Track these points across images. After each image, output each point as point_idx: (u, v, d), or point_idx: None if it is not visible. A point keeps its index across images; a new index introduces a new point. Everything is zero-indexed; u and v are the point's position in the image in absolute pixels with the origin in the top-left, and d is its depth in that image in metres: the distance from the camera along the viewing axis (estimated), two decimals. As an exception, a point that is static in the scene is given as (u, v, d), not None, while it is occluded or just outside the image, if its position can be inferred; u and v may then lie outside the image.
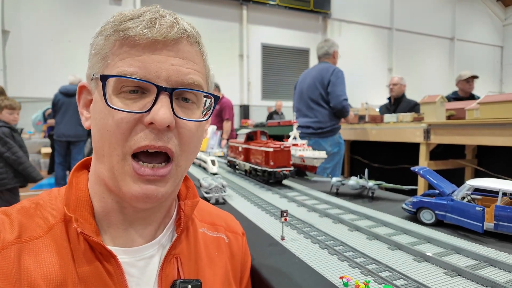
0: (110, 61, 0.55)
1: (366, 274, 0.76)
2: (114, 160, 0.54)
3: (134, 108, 0.53)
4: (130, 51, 0.53)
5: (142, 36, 0.52)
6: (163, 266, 0.61)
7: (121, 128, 0.53)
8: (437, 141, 3.01)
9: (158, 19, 0.54)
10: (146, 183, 0.54)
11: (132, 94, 0.54)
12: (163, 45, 0.54)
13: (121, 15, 0.55)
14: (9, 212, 0.57)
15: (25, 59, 8.17)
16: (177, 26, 0.55)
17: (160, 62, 0.53)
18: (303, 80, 3.49)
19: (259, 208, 1.39)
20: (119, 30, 0.53)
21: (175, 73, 0.54)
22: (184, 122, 0.56)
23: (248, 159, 2.04)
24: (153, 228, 0.64)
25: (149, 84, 0.53)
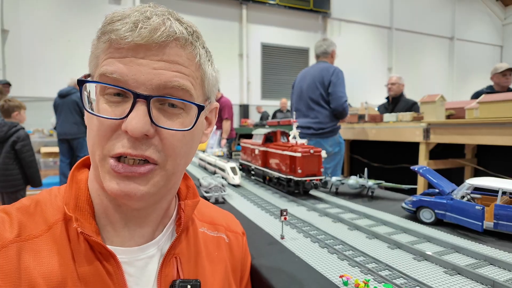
0: (99, 60, 0.55)
1: (366, 273, 0.76)
2: (96, 159, 0.55)
3: (116, 111, 0.52)
4: (114, 53, 0.52)
5: (124, 39, 0.50)
6: (162, 266, 0.61)
7: (101, 131, 0.53)
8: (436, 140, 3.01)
9: (142, 21, 0.51)
10: (124, 180, 0.53)
11: (116, 96, 0.53)
12: (146, 49, 0.51)
13: (112, 15, 0.54)
14: (9, 211, 0.57)
15: (24, 59, 8.16)
16: (163, 28, 0.51)
17: (141, 66, 0.51)
18: (302, 80, 3.47)
19: (258, 207, 1.39)
20: (105, 32, 0.52)
21: (156, 76, 0.52)
22: (167, 131, 0.54)
23: (267, 164, 1.79)
24: (152, 228, 0.64)
25: (125, 90, 0.52)
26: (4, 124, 3.35)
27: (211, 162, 2.25)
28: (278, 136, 1.84)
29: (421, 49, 13.76)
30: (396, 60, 13.10)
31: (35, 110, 7.25)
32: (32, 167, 3.46)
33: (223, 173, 1.91)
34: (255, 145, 1.90)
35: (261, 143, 1.82)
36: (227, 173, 1.84)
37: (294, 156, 1.47)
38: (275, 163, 1.67)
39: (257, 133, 1.94)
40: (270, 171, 1.69)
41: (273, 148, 1.69)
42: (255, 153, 1.89)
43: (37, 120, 7.52)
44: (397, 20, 13.03)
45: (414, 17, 13.45)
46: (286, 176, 1.53)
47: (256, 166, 1.88)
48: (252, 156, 1.95)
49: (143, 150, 0.52)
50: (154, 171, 0.54)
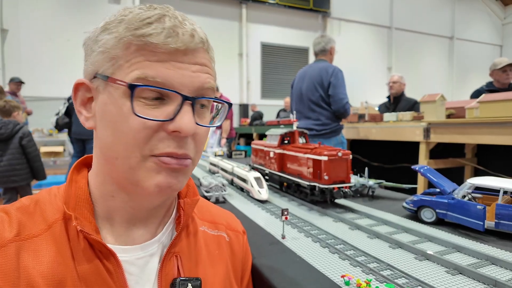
0: (122, 62, 0.53)
1: (368, 272, 0.76)
2: (132, 161, 0.54)
3: (155, 114, 0.53)
4: (149, 56, 0.52)
5: (165, 45, 0.52)
6: (163, 264, 0.61)
7: (143, 133, 0.53)
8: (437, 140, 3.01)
9: (179, 27, 0.53)
10: (171, 172, 0.55)
11: (152, 100, 0.53)
12: (183, 54, 0.54)
13: (134, 15, 0.53)
14: (8, 210, 0.56)
15: (23, 58, 8.14)
16: (197, 35, 0.55)
17: (182, 69, 0.54)
18: (300, 80, 3.44)
19: (259, 207, 1.39)
20: (139, 36, 0.52)
21: (196, 79, 0.55)
22: (200, 128, 0.58)
23: (283, 168, 1.59)
24: (154, 226, 0.64)
25: (172, 92, 0.53)
26: (8, 122, 3.57)
27: (227, 169, 1.91)
28: (295, 137, 1.63)
29: (421, 49, 13.77)
30: (396, 59, 13.10)
31: (35, 109, 7.23)
32: (37, 161, 3.74)
33: (244, 185, 1.59)
34: (269, 147, 1.70)
35: (276, 145, 1.62)
36: (250, 185, 1.51)
37: (319, 160, 1.27)
38: (294, 167, 1.48)
39: (271, 133, 1.74)
40: (289, 177, 1.49)
41: (291, 150, 1.50)
42: (270, 156, 1.69)
43: (37, 120, 7.50)
44: (397, 19, 13.03)
45: (414, 17, 13.45)
46: (310, 183, 1.32)
47: (271, 170, 1.68)
48: (266, 160, 1.75)
49: (186, 149, 0.56)
50: (190, 165, 0.59)
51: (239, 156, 3.45)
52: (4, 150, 3.53)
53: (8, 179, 3.54)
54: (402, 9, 13.10)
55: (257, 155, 1.91)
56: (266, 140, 1.78)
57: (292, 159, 1.49)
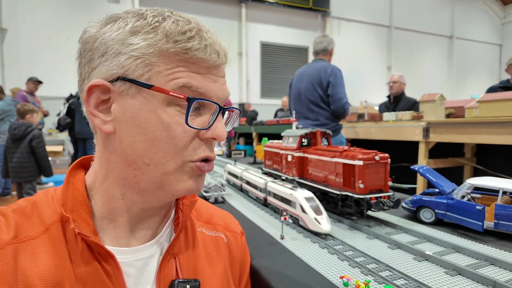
0: (160, 69, 0.53)
1: (366, 273, 0.76)
2: (168, 167, 0.56)
3: (196, 122, 0.58)
4: (190, 67, 0.56)
5: (209, 61, 0.56)
6: (161, 266, 0.61)
7: (183, 141, 0.56)
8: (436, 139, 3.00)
9: (218, 44, 0.59)
10: (200, 176, 0.61)
11: (194, 110, 0.58)
12: (216, 68, 0.59)
13: (173, 27, 0.54)
14: (5, 212, 0.56)
15: (22, 57, 8.13)
16: (226, 53, 0.61)
17: (216, 83, 0.59)
18: (299, 80, 3.43)
19: (258, 207, 1.39)
20: (184, 49, 0.54)
21: (225, 92, 0.62)
22: None
23: (304, 174, 1.41)
24: (154, 227, 0.65)
25: (210, 103, 0.58)
26: (22, 124, 4.01)
27: (257, 184, 1.46)
28: (318, 138, 1.43)
29: (420, 48, 13.76)
30: (396, 58, 13.10)
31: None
32: (45, 160, 4.13)
33: (290, 209, 1.14)
34: (286, 149, 1.50)
35: (295, 147, 1.43)
36: (301, 209, 1.07)
37: (352, 164, 1.08)
38: (318, 173, 1.30)
39: (288, 134, 1.52)
40: (311, 184, 1.29)
41: (314, 153, 1.32)
42: (287, 160, 1.48)
43: (36, 119, 7.49)
44: (397, 18, 13.03)
45: (414, 16, 13.44)
46: (340, 192, 1.13)
47: (288, 176, 1.48)
48: (283, 164, 1.54)
49: (213, 153, 0.62)
50: None
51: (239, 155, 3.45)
52: (16, 148, 3.99)
53: (16, 175, 4.01)
54: (401, 9, 13.09)
55: (271, 158, 1.71)
56: (282, 142, 1.59)
57: (316, 164, 1.31)
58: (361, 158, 1.06)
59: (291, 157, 1.46)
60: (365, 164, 1.06)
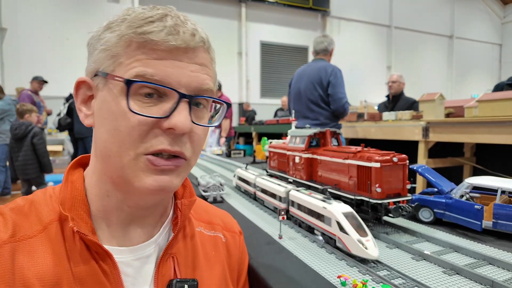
0: (123, 60, 0.53)
1: (364, 273, 0.76)
2: (125, 159, 0.54)
3: (151, 112, 0.53)
4: (149, 53, 0.53)
5: (166, 42, 0.52)
6: (159, 266, 0.61)
7: (138, 130, 0.53)
8: (435, 139, 3.01)
9: (181, 26, 0.54)
10: (160, 174, 0.55)
11: (148, 97, 0.54)
12: (183, 52, 0.54)
13: (137, 15, 0.54)
14: (3, 211, 0.56)
15: (22, 57, 8.12)
16: (198, 35, 0.56)
17: (181, 68, 0.54)
18: (299, 79, 3.43)
19: (257, 206, 1.39)
20: (140, 33, 0.52)
21: (194, 79, 0.55)
22: (196, 127, 0.57)
23: (313, 177, 1.30)
24: (151, 227, 0.64)
25: (170, 90, 0.53)
26: (22, 123, 4.25)
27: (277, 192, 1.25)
28: (327, 138, 1.34)
29: (420, 48, 13.76)
30: (395, 58, 13.09)
31: (34, 108, 7.23)
32: (45, 156, 4.34)
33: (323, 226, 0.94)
34: (293, 150, 1.40)
35: (304, 148, 1.33)
36: (339, 228, 0.87)
37: (368, 167, 0.98)
38: (329, 176, 1.20)
39: (295, 134, 1.42)
40: (322, 187, 1.17)
41: (324, 154, 1.22)
42: (295, 162, 1.38)
43: (35, 119, 7.49)
44: (397, 18, 13.02)
45: (414, 16, 13.43)
46: (355, 196, 1.02)
47: (296, 179, 1.38)
48: (290, 166, 1.44)
49: (179, 147, 0.55)
50: (183, 165, 0.58)
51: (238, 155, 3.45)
52: (19, 147, 4.24)
53: (22, 172, 4.27)
54: (401, 8, 13.08)
55: (276, 160, 1.60)
56: (288, 142, 1.48)
57: (326, 166, 1.21)
58: (378, 160, 0.96)
59: (299, 159, 1.34)
60: (382, 166, 0.96)
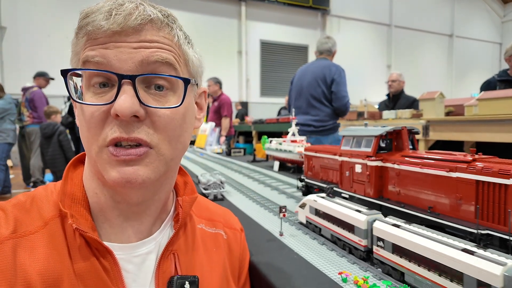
0: (80, 55, 0.55)
1: (365, 269, 0.76)
2: (93, 153, 0.54)
3: (101, 100, 0.52)
4: (93, 43, 0.53)
5: (100, 29, 0.51)
6: (160, 262, 0.61)
7: (92, 122, 0.52)
8: (435, 137, 3.01)
9: (116, 9, 0.51)
10: (123, 165, 0.52)
11: (102, 88, 0.53)
12: (124, 35, 0.52)
13: (86, 10, 0.54)
14: (4, 207, 0.56)
15: (22, 55, 8.13)
16: (136, 13, 0.52)
17: (121, 47, 0.52)
18: (301, 77, 3.46)
19: (257, 204, 1.39)
20: (81, 27, 0.53)
21: (138, 54, 0.52)
22: (157, 110, 0.54)
23: (385, 193, 0.97)
24: (150, 224, 0.64)
25: (110, 74, 0.52)
26: (49, 124, 5.16)
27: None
28: (403, 140, 0.98)
29: (420, 46, 13.76)
30: (395, 57, 13.10)
31: (33, 107, 7.21)
32: (70, 151, 5.21)
33: None
34: (351, 155, 1.05)
35: (371, 153, 0.97)
36: None
37: (503, 184, 0.66)
38: (417, 194, 0.86)
39: (354, 133, 1.06)
40: (403, 209, 0.87)
41: (407, 163, 0.89)
42: (354, 171, 1.03)
43: (35, 118, 7.48)
44: (397, 17, 13.02)
45: (414, 14, 13.44)
46: (478, 229, 0.68)
47: (357, 195, 1.03)
48: (344, 176, 1.08)
49: (135, 133, 0.52)
50: (150, 155, 0.54)
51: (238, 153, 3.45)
52: (48, 144, 5.11)
53: (51, 165, 5.15)
54: (401, 7, 13.09)
55: (318, 166, 1.27)
56: (341, 144, 1.11)
57: (411, 180, 0.87)
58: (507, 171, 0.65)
59: (363, 167, 0.99)
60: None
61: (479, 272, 0.52)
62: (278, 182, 1.81)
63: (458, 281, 0.56)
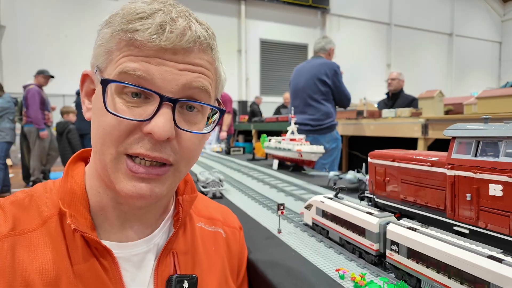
0: (114, 57, 0.52)
1: (362, 266, 0.76)
2: (107, 158, 0.53)
3: (135, 113, 0.51)
4: (135, 51, 0.50)
5: (150, 42, 0.49)
6: (159, 262, 0.61)
7: (118, 130, 0.51)
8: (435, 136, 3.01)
9: (169, 23, 0.50)
10: (140, 182, 0.52)
11: (135, 97, 0.52)
12: (172, 53, 0.51)
13: (130, 10, 0.51)
14: (3, 204, 0.56)
15: (21, 55, 8.11)
16: (189, 33, 0.51)
17: (167, 66, 0.51)
18: (297, 76, 3.46)
19: (256, 202, 1.39)
20: (126, 31, 0.50)
21: (182, 76, 0.52)
22: (185, 133, 0.54)
23: None
24: (149, 224, 0.64)
25: (152, 93, 0.51)
26: (61, 122, 5.72)
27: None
28: None
29: (420, 45, 13.76)
30: (395, 56, 13.09)
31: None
32: (78, 147, 5.42)
33: None
34: (478, 169, 0.67)
35: None
36: None
37: None
38: None
39: (482, 134, 0.70)
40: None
41: None
42: (486, 194, 0.64)
43: (35, 116, 7.48)
44: (396, 16, 13.01)
45: (413, 13, 13.43)
46: None
47: (487, 231, 0.64)
48: (462, 201, 0.70)
49: (161, 153, 0.52)
50: (168, 172, 0.55)
51: (238, 152, 3.45)
52: (60, 140, 5.67)
53: (62, 160, 5.66)
54: (401, 6, 13.07)
55: (402, 182, 0.89)
56: (451, 151, 0.84)
57: None
58: None
59: (505, 189, 0.60)
60: None
61: (508, 282, 0.47)
62: (277, 181, 1.81)
63: None
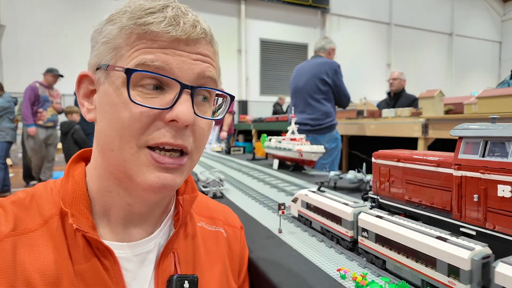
0: (124, 52, 0.53)
1: (364, 266, 0.76)
2: (127, 153, 0.53)
3: (154, 103, 0.52)
4: (150, 44, 0.52)
5: (166, 33, 0.52)
6: (160, 261, 0.61)
7: (140, 122, 0.52)
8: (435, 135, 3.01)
9: (182, 16, 0.54)
10: (165, 172, 0.54)
11: (152, 90, 0.53)
12: (185, 44, 0.54)
13: (138, 6, 0.53)
14: (4, 204, 0.56)
15: (21, 54, 8.11)
16: (199, 26, 0.55)
17: (182, 56, 0.54)
18: (297, 76, 3.46)
19: (256, 201, 1.39)
20: (140, 24, 0.52)
21: (196, 66, 0.55)
22: (200, 120, 0.57)
23: None
24: (151, 223, 0.64)
25: (172, 80, 0.53)
26: (65, 122, 5.63)
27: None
28: None
29: (420, 45, 13.75)
30: (395, 56, 13.08)
31: (33, 106, 7.21)
32: (85, 145, 5.24)
33: None
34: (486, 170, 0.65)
35: None
36: None
37: None
38: None
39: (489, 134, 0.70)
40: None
41: None
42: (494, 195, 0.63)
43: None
44: (396, 15, 13.00)
45: (413, 13, 13.41)
46: None
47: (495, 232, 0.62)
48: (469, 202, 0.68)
49: (183, 140, 0.55)
50: (187, 162, 0.58)
51: (238, 152, 3.45)
52: (64, 140, 5.65)
53: (66, 158, 5.55)
54: (401, 5, 13.06)
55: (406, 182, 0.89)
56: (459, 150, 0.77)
57: None
58: None
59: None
60: None
61: (450, 257, 0.56)
62: (277, 180, 1.81)
63: (432, 266, 0.60)
